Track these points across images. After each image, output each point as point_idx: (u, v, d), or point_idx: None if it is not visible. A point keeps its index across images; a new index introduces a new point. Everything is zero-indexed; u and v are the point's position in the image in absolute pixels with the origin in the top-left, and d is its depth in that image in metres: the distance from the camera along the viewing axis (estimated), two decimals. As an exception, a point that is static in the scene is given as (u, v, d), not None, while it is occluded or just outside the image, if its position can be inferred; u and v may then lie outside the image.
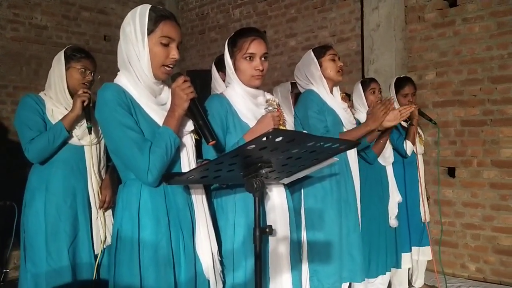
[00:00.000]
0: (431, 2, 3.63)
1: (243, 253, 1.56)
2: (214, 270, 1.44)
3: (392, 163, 2.70)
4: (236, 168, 1.23)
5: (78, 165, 2.10)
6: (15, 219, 2.21)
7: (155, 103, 1.42)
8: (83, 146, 2.11)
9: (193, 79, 1.51)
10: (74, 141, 2.08)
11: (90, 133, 2.06)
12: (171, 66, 1.41)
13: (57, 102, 2.09)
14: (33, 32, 4.56)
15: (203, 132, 1.41)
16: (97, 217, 2.12)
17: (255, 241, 1.26)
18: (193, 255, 1.41)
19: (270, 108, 1.65)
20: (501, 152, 3.32)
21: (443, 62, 3.57)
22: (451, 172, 3.58)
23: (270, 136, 1.02)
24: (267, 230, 1.29)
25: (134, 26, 1.36)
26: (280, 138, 1.06)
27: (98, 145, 2.16)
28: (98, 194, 2.13)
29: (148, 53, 1.36)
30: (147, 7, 1.39)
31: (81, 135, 2.09)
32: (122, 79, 1.40)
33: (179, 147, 1.41)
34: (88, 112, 2.04)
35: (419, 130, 3.02)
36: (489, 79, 3.36)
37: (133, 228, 1.34)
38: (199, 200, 1.46)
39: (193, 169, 1.29)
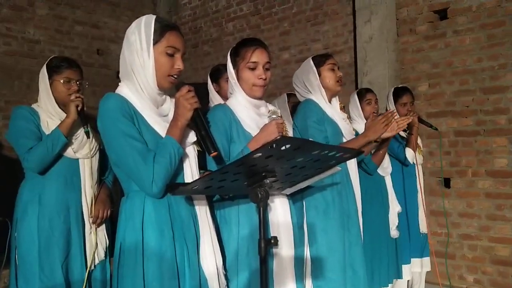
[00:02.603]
0: (422, 15, 3.70)
1: (248, 265, 1.54)
2: (219, 283, 1.41)
3: (392, 173, 2.70)
4: (240, 178, 1.22)
5: (72, 178, 2.06)
6: (8, 236, 2.15)
7: (157, 114, 1.40)
8: (78, 159, 2.08)
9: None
10: (69, 153, 2.04)
11: (88, 137, 2.04)
12: (175, 76, 1.40)
13: (50, 114, 2.06)
14: (25, 46, 4.54)
15: (205, 143, 1.40)
16: (90, 232, 2.08)
17: (260, 252, 1.24)
18: (198, 268, 1.38)
19: (274, 116, 1.64)
20: (495, 162, 3.34)
21: (435, 73, 3.62)
22: (446, 182, 3.59)
23: (278, 144, 1.01)
24: (272, 241, 1.27)
25: (140, 35, 1.36)
26: (288, 146, 1.05)
27: (93, 158, 2.13)
28: (92, 208, 2.09)
29: (153, 63, 1.36)
30: (152, 17, 1.39)
31: (77, 148, 2.06)
32: (124, 90, 1.39)
33: (182, 158, 1.39)
34: (83, 117, 2.02)
35: (418, 140, 3.04)
36: (481, 90, 3.40)
37: (136, 241, 1.31)
38: (202, 212, 1.44)
39: (198, 179, 1.27)
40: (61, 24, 4.87)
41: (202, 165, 1.52)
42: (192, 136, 1.45)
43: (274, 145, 1.01)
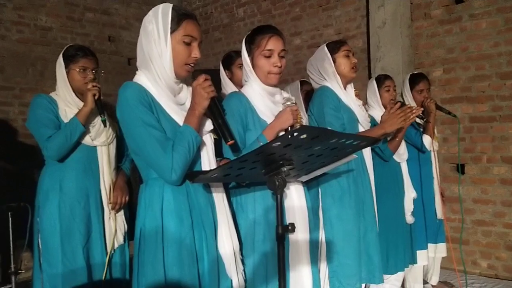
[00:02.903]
0: (437, -2, 3.63)
1: (263, 251, 1.56)
2: (237, 268, 1.44)
3: (408, 160, 2.70)
4: (258, 166, 1.23)
5: (90, 165, 2.11)
6: (28, 220, 2.22)
7: (174, 102, 1.42)
8: (95, 146, 2.13)
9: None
10: (87, 141, 2.09)
11: (105, 125, 2.08)
12: (192, 64, 1.41)
13: (68, 103, 2.10)
14: (38, 33, 4.56)
15: (222, 132, 1.41)
16: (109, 218, 2.13)
17: (278, 239, 1.25)
18: (216, 254, 1.41)
19: (289, 103, 1.65)
20: (511, 148, 3.30)
21: (450, 58, 3.56)
22: (461, 168, 3.56)
23: (297, 133, 1.02)
24: (290, 227, 1.28)
25: (157, 24, 1.36)
26: (305, 135, 1.05)
27: (110, 145, 2.17)
28: (110, 195, 2.14)
29: (171, 52, 1.37)
30: (169, 6, 1.39)
31: (94, 135, 2.11)
32: (142, 78, 1.40)
33: (199, 147, 1.40)
34: (100, 106, 2.05)
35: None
36: (497, 75, 3.35)
37: (156, 228, 1.34)
38: (220, 199, 1.46)
39: (218, 167, 1.29)
40: (73, 11, 4.87)
41: (218, 153, 1.54)
42: (209, 125, 1.46)
43: (293, 134, 1.01)
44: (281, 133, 1.61)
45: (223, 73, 2.60)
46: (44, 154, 2.06)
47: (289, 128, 1.62)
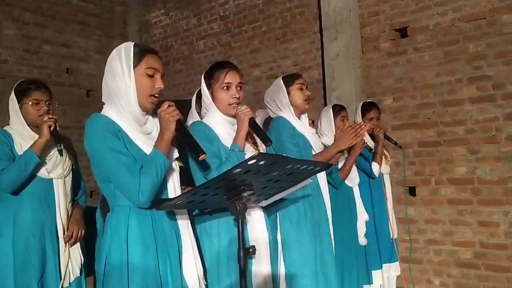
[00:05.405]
0: (384, 33, 3.91)
1: (228, 274, 1.61)
2: (201, 295, 1.48)
3: (359, 184, 2.84)
4: (220, 192, 1.30)
5: (46, 198, 2.08)
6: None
7: (141, 132, 1.48)
8: (51, 179, 2.10)
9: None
10: (43, 174, 2.07)
11: (61, 155, 2.06)
12: (157, 95, 1.49)
13: (23, 136, 2.09)
14: (-8, 66, 4.48)
15: (194, 148, 1.45)
16: (65, 250, 2.10)
17: (240, 261, 1.31)
18: (180, 280, 1.44)
19: (238, 107, 1.77)
20: (456, 170, 3.55)
21: (399, 88, 3.82)
22: (412, 191, 3.77)
23: (256, 160, 1.10)
24: (250, 250, 1.35)
25: (120, 61, 1.45)
26: (263, 161, 1.14)
27: (66, 178, 2.15)
28: (66, 228, 2.12)
29: (135, 85, 1.44)
30: (131, 44, 1.49)
31: (50, 168, 2.09)
32: (109, 111, 1.46)
33: (166, 175, 1.45)
34: (56, 136, 2.04)
35: (385, 152, 3.21)
36: (440, 103, 3.62)
37: (121, 255, 1.37)
38: (184, 226, 1.51)
39: (182, 194, 1.34)
40: (30, 44, 4.84)
41: (183, 181, 1.59)
42: (174, 153, 1.52)
43: (252, 161, 1.09)
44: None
45: (193, 106, 2.66)
46: None
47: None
